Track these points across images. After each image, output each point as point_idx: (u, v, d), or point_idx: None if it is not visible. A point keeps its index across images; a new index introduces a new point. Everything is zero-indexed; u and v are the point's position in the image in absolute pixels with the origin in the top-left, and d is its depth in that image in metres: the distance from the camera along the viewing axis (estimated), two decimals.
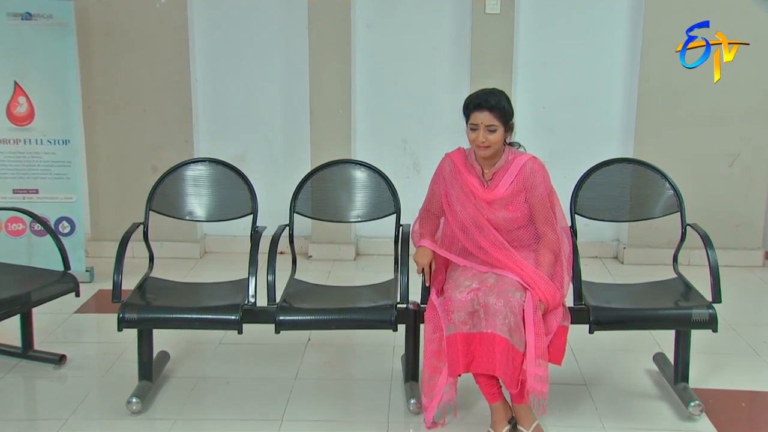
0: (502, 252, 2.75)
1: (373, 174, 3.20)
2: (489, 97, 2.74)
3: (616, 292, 3.11)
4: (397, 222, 3.17)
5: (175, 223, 4.70)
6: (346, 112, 4.80)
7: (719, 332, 2.83)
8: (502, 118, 2.72)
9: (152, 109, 4.80)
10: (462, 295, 2.66)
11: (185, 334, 3.54)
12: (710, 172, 4.75)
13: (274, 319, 2.79)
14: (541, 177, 2.78)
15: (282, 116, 4.95)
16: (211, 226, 5.05)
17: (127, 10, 4.69)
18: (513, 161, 2.80)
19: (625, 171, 3.17)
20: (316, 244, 4.94)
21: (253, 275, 2.90)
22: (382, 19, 4.83)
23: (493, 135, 2.72)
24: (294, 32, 4.79)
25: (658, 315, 2.83)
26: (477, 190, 2.81)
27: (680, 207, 3.11)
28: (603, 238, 5.02)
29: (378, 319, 2.78)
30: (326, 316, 2.81)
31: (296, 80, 4.85)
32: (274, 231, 3.09)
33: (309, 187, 3.20)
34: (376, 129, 4.94)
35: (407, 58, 4.86)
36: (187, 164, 3.20)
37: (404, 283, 2.88)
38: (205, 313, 2.83)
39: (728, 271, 4.27)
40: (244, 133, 4.94)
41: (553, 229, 2.78)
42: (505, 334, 2.57)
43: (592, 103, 4.85)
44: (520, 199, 2.78)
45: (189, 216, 3.21)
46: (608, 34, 4.77)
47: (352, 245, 4.95)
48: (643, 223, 4.70)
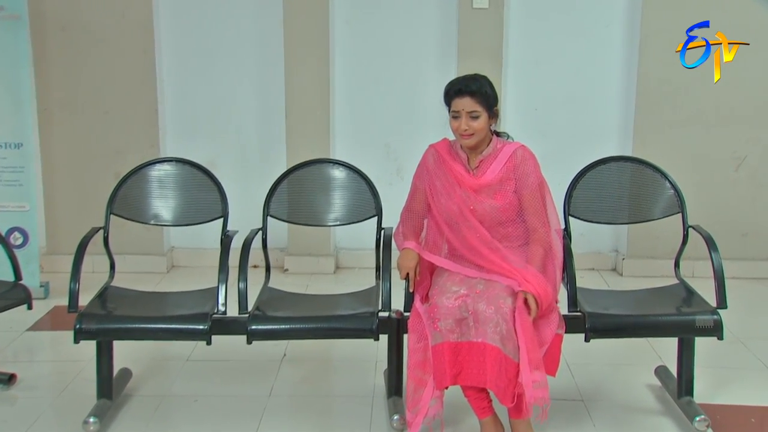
0: (489, 249, 2.77)
1: (352, 174, 3.22)
2: (470, 82, 2.77)
3: (614, 298, 3.14)
4: (378, 225, 3.18)
5: (140, 234, 4.81)
6: (324, 113, 4.82)
7: (726, 346, 2.87)
8: (485, 103, 2.75)
9: (114, 111, 4.80)
10: (449, 301, 2.67)
11: (149, 350, 3.53)
12: (715, 177, 4.80)
13: (246, 329, 2.78)
14: (532, 166, 2.81)
15: (256, 119, 4.97)
16: (179, 238, 5.05)
17: (86, 3, 4.70)
18: (502, 149, 2.83)
19: (622, 170, 3.20)
20: (292, 256, 4.94)
21: (223, 282, 2.89)
22: (362, 15, 4.87)
23: (477, 122, 2.75)
24: (268, 28, 4.82)
25: (660, 322, 2.85)
26: (463, 177, 2.83)
27: (681, 208, 3.14)
28: (600, 248, 5.05)
29: (358, 328, 2.78)
30: (302, 325, 2.81)
31: (271, 80, 4.87)
32: (246, 235, 3.09)
33: (284, 189, 3.21)
34: (357, 132, 4.96)
35: (390, 56, 4.90)
36: (152, 164, 3.20)
37: (386, 290, 2.88)
38: (170, 322, 2.82)
39: (735, 283, 4.34)
40: (214, 136, 4.94)
41: (542, 223, 2.80)
42: (497, 343, 2.58)
43: (588, 103, 4.90)
44: (508, 188, 2.80)
45: (154, 220, 3.20)
46: (604, 29, 4.83)
47: (332, 257, 4.96)
48: (643, 232, 4.82)
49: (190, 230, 4.85)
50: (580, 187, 3.17)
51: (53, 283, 4.43)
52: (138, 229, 4.77)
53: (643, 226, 4.67)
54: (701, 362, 3.12)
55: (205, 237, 4.86)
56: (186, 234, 4.94)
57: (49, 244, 4.90)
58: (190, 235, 4.93)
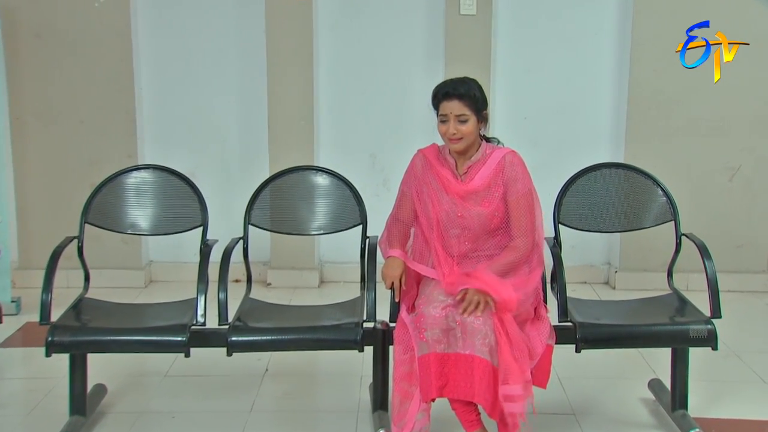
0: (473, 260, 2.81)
1: (336, 181, 3.24)
2: (458, 84, 2.80)
3: (606, 308, 3.16)
4: (363, 233, 3.19)
5: (117, 247, 4.80)
6: (308, 123, 4.84)
7: (721, 359, 2.88)
8: (474, 106, 2.77)
9: (91, 121, 4.80)
10: (436, 311, 2.68)
11: (125, 365, 3.51)
12: (708, 188, 4.85)
13: (226, 341, 2.78)
14: (520, 172, 2.83)
15: (237, 129, 4.98)
16: (158, 251, 5.04)
17: (61, 10, 4.71)
18: (491, 155, 2.85)
19: (613, 177, 3.24)
20: (275, 270, 4.94)
21: (202, 293, 2.89)
22: (347, 21, 4.91)
23: (465, 126, 2.77)
24: (250, 34, 4.84)
25: (653, 331, 2.87)
26: (450, 183, 2.84)
27: (674, 215, 3.17)
28: (592, 261, 5.08)
29: (342, 339, 2.79)
30: (284, 336, 2.81)
31: (253, 89, 4.89)
32: (227, 244, 3.09)
33: (266, 197, 3.23)
34: (342, 142, 4.98)
35: (376, 64, 4.93)
36: (129, 171, 3.21)
37: (371, 300, 2.89)
38: (147, 334, 2.81)
39: (731, 296, 4.37)
40: (195, 147, 4.95)
41: (523, 232, 2.80)
42: (485, 356, 2.59)
43: (578, 112, 4.94)
44: (496, 194, 2.82)
45: (131, 229, 3.20)
46: (594, 36, 4.88)
47: (316, 271, 4.96)
48: (636, 244, 4.86)
49: (169, 243, 4.93)
50: (570, 195, 3.20)
51: (25, 298, 4.41)
52: (115, 242, 4.81)
53: (636, 237, 4.78)
54: (696, 376, 3.14)
55: (185, 250, 4.87)
56: (165, 247, 4.99)
57: (21, 259, 4.87)
58: (169, 249, 4.98)
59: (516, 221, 2.81)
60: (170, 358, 3.59)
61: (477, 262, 2.84)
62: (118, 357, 3.40)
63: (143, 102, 4.91)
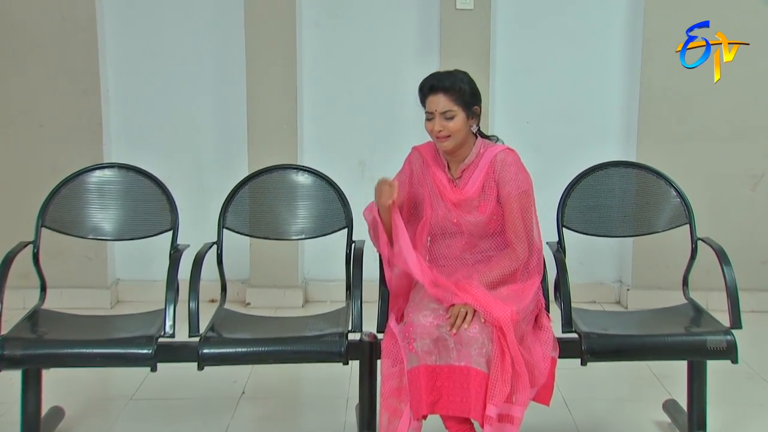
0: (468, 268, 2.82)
1: (319, 181, 3.26)
2: (444, 77, 2.81)
3: (614, 318, 3.17)
4: (348, 237, 3.20)
5: (80, 263, 4.79)
6: (291, 128, 4.84)
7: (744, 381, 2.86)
8: (461, 100, 2.78)
9: (52, 124, 4.79)
10: (426, 319, 2.67)
11: (86, 387, 3.49)
12: (728, 197, 4.85)
13: (197, 354, 2.76)
14: (513, 173, 2.84)
15: (214, 134, 4.98)
16: (125, 269, 5.02)
17: (19, 2, 4.71)
18: (484, 154, 2.86)
19: (622, 176, 3.26)
20: (255, 288, 4.92)
21: (171, 302, 2.88)
22: (333, 17, 4.93)
23: (452, 122, 2.78)
24: (228, 31, 4.85)
25: (666, 343, 2.85)
26: (444, 189, 2.86)
27: (689, 218, 3.19)
28: (602, 279, 5.07)
29: (325, 351, 2.78)
30: (261, 347, 2.80)
31: (231, 90, 4.90)
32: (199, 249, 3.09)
33: (242, 199, 3.24)
34: (328, 148, 4.98)
35: (364, 64, 4.95)
36: (91, 170, 3.21)
37: (357, 310, 2.89)
38: (109, 346, 2.79)
39: (754, 317, 4.36)
40: (167, 154, 4.92)
41: (518, 238, 2.80)
42: (482, 367, 2.57)
43: (585, 116, 4.95)
44: (490, 197, 2.83)
45: (93, 234, 3.20)
46: (602, 33, 4.90)
47: (300, 290, 4.94)
48: (650, 259, 4.86)
49: (138, 260, 4.94)
50: (574, 196, 3.22)
51: None
52: (78, 257, 4.80)
53: (650, 252, 4.83)
54: (716, 398, 3.14)
55: (156, 268, 4.79)
56: (133, 264, 4.98)
57: None
58: (138, 265, 4.97)
59: (511, 225, 2.82)
60: (136, 379, 3.57)
61: (474, 265, 2.86)
62: (78, 377, 3.39)
63: (110, 104, 4.90)
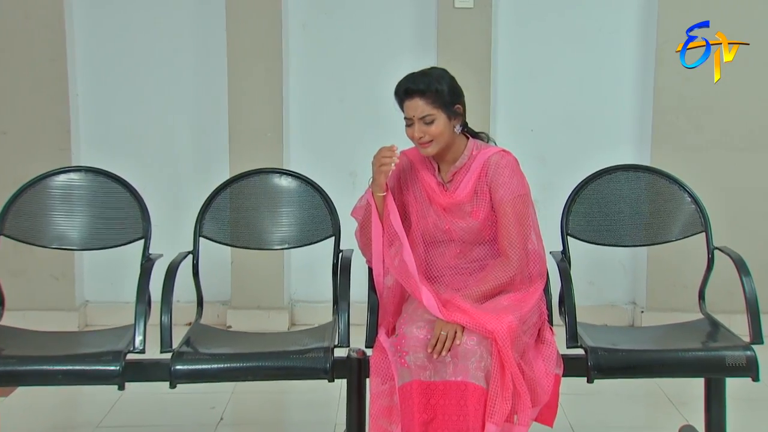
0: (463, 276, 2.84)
1: (304, 186, 3.28)
2: (418, 79, 2.81)
3: (624, 334, 3.18)
4: (335, 246, 3.20)
5: (46, 284, 4.77)
6: (276, 136, 4.85)
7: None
8: (440, 102, 2.78)
9: (15, 132, 4.80)
10: (420, 331, 2.66)
11: (48, 414, 3.47)
12: (749, 212, 4.84)
13: (169, 371, 2.74)
14: (506, 176, 2.84)
15: (192, 142, 4.99)
16: (94, 290, 5.01)
17: None
18: (477, 156, 2.86)
19: (631, 181, 3.27)
20: (237, 310, 4.90)
21: (141, 315, 2.87)
22: (322, 17, 4.95)
23: (433, 126, 2.78)
24: (208, 32, 4.88)
25: (681, 359, 2.82)
26: (434, 193, 2.86)
27: (705, 225, 3.20)
28: (614, 300, 5.06)
29: (309, 367, 2.75)
30: (239, 363, 2.77)
31: (211, 96, 4.91)
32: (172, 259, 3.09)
33: (221, 205, 3.25)
34: (317, 158, 4.97)
35: (356, 67, 4.96)
36: (55, 174, 3.22)
37: (344, 323, 2.88)
38: (73, 362, 2.76)
39: None
40: (142, 164, 4.89)
41: (513, 247, 2.79)
42: (481, 382, 2.56)
43: (594, 124, 4.97)
44: (483, 201, 2.84)
45: (57, 243, 3.19)
46: (612, 35, 4.93)
47: (285, 311, 4.92)
48: (665, 280, 4.85)
49: (108, 280, 4.92)
50: (580, 202, 3.24)
51: None
52: (42, 277, 4.79)
53: (666, 271, 4.82)
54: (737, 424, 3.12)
55: (128, 288, 4.67)
56: (103, 284, 4.96)
57: None
58: (108, 286, 4.96)
59: (504, 232, 2.81)
60: (104, 404, 3.55)
61: (471, 274, 2.86)
62: (39, 404, 3.38)
63: (79, 110, 4.91)
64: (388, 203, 2.88)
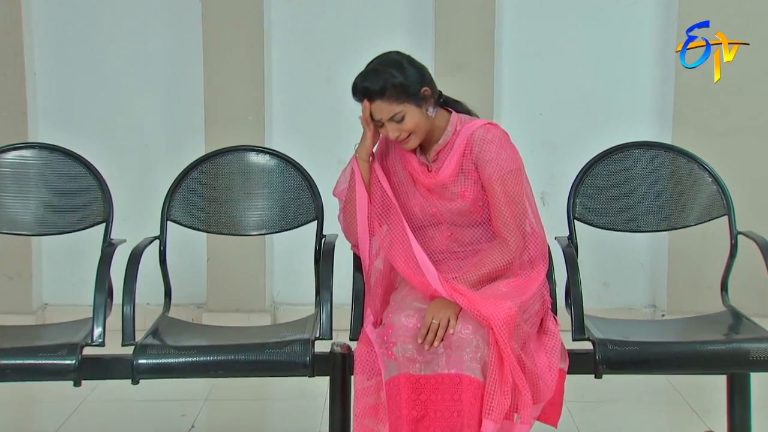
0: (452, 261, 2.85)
1: (283, 165, 3.29)
2: (372, 80, 2.79)
3: (636, 327, 3.18)
4: (318, 231, 3.21)
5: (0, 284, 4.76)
6: (257, 120, 4.87)
7: None
8: (403, 95, 2.77)
9: None
10: (409, 320, 2.67)
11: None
12: None
13: (131, 366, 2.74)
14: (493, 151, 2.83)
15: (164, 126, 5.02)
16: (53, 291, 5.05)
17: None
18: (461, 132, 2.87)
19: (645, 160, 3.28)
20: (213, 313, 4.90)
21: (101, 305, 2.89)
22: None
23: (406, 122, 2.78)
24: (181, 5, 4.91)
25: (700, 352, 2.82)
26: (416, 173, 2.88)
27: (728, 208, 3.20)
28: (632, 302, 5.06)
29: (286, 361, 2.75)
30: (210, 356, 2.77)
31: (185, 76, 4.94)
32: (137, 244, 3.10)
33: (192, 186, 3.27)
34: (302, 145, 4.93)
35: (344, 45, 4.97)
36: (5, 151, 3.21)
37: (326, 313, 2.90)
38: (24, 356, 2.76)
39: None
40: (109, 151, 4.88)
41: (508, 228, 2.80)
42: (477, 375, 2.56)
43: (609, 107, 4.99)
44: (471, 179, 2.84)
45: (7, 228, 3.20)
46: (629, 8, 4.94)
47: (267, 314, 4.93)
48: (688, 279, 4.85)
49: (68, 281, 4.93)
50: (588, 183, 3.25)
51: None
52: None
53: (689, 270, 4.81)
54: None
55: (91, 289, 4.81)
56: (63, 285, 4.97)
57: None
58: (68, 288, 4.96)
59: (496, 212, 2.82)
60: (62, 412, 3.55)
61: (464, 259, 2.87)
62: None
63: (37, 93, 4.94)
64: (376, 170, 2.90)
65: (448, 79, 4.40)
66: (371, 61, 2.89)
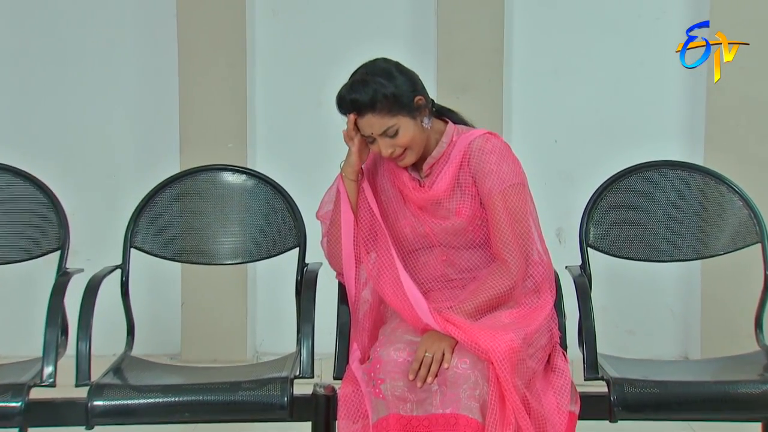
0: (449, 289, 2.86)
1: (262, 187, 3.32)
2: (360, 92, 2.80)
3: (657, 366, 3.18)
4: (300, 259, 3.23)
5: None
6: (240, 146, 4.90)
7: None
8: (396, 107, 2.78)
9: None
10: (399, 353, 2.66)
11: None
12: None
13: (85, 408, 2.72)
14: (493, 163, 2.84)
15: (135, 152, 5.06)
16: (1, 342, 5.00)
17: None
18: (457, 143, 2.88)
19: (669, 181, 3.30)
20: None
21: (52, 343, 2.89)
22: (296, 4, 5.03)
23: (400, 137, 2.79)
24: (156, 18, 4.95)
25: (730, 394, 2.80)
26: (406, 188, 2.89)
27: (761, 235, 3.21)
28: (660, 353, 5.01)
29: (261, 402, 2.74)
30: (174, 397, 2.76)
31: (158, 96, 4.99)
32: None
33: (159, 209, 3.28)
34: (289, 173, 4.90)
35: (336, 63, 4.92)
36: None
37: (308, 350, 2.90)
38: None
39: None
40: (73, 179, 4.92)
41: (509, 249, 2.80)
42: (475, 414, 2.55)
43: (633, 131, 4.99)
44: (469, 193, 2.85)
45: None
46: (654, 23, 4.97)
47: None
48: (723, 326, 4.82)
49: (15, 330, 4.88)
50: (602, 207, 3.26)
51: None
52: None
53: (726, 314, 4.79)
54: None
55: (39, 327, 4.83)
56: (10, 336, 4.92)
57: None
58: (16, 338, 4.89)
59: (496, 231, 2.82)
60: None
61: (462, 287, 2.87)
62: None
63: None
64: (364, 189, 2.91)
65: (452, 101, 4.39)
66: (356, 71, 2.90)
